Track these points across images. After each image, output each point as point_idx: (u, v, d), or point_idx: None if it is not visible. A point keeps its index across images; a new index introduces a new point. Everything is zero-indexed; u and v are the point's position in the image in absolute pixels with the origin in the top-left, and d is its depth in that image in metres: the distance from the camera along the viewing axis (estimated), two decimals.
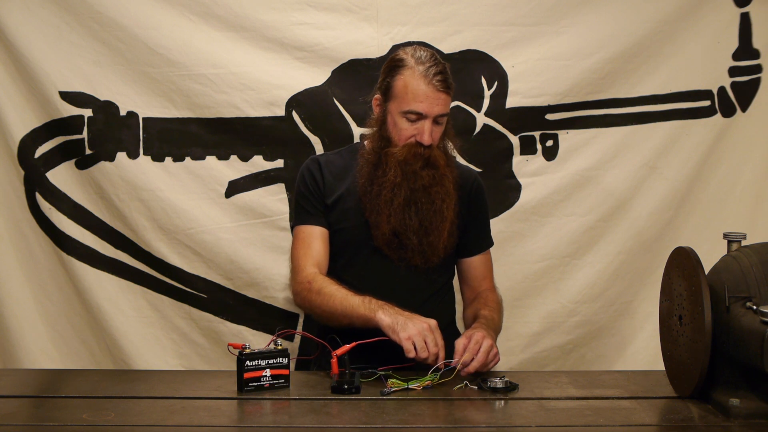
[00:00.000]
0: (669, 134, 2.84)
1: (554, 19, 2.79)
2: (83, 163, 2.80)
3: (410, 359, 2.01)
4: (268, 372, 1.95)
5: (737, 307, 1.77)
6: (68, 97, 2.76)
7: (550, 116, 2.82)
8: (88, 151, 2.78)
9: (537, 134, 2.83)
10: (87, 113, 2.77)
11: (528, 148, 2.84)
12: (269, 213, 2.81)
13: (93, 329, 2.85)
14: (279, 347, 1.97)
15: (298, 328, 2.76)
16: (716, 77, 2.84)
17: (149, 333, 2.85)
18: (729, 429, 1.72)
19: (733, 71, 2.83)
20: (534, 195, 2.84)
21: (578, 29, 2.79)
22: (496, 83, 2.79)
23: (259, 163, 2.80)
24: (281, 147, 2.80)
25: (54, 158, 2.80)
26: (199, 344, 2.86)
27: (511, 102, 2.80)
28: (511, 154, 2.83)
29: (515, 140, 2.82)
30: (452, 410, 1.86)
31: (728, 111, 2.85)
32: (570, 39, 2.79)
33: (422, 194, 2.26)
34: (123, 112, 2.78)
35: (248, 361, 1.93)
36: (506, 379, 1.96)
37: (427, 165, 2.26)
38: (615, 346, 2.91)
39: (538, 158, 2.84)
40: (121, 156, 2.79)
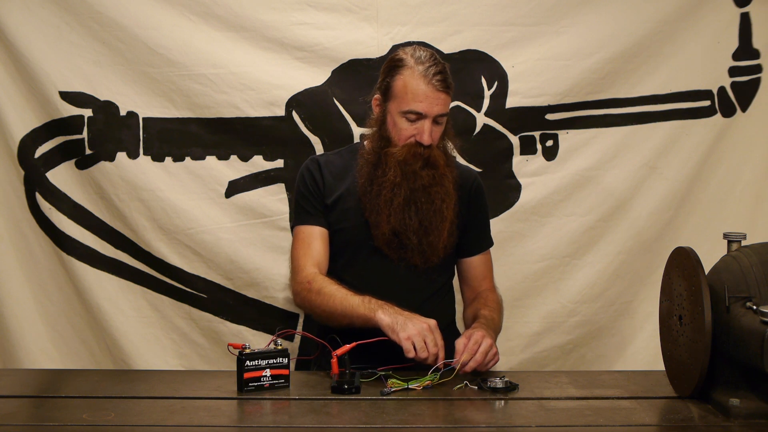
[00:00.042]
0: (669, 134, 2.84)
1: (554, 19, 2.79)
2: (83, 163, 2.80)
3: (410, 359, 2.01)
4: (268, 372, 1.95)
5: (737, 307, 1.76)
6: (68, 97, 2.76)
7: (550, 116, 2.82)
8: (88, 151, 2.78)
9: (537, 134, 2.83)
10: (87, 113, 2.77)
11: (528, 148, 2.84)
12: (269, 213, 2.81)
13: (93, 329, 2.85)
14: (279, 347, 1.97)
15: (298, 328, 2.75)
16: (716, 77, 2.83)
17: (149, 333, 2.85)
18: (729, 429, 1.72)
19: (733, 71, 2.83)
20: (534, 195, 2.84)
21: (578, 29, 2.79)
22: (496, 83, 2.79)
23: (259, 163, 2.80)
24: (281, 147, 2.80)
25: (54, 158, 2.80)
26: (199, 344, 2.85)
27: (511, 102, 2.80)
28: (511, 154, 2.83)
29: (515, 140, 2.82)
30: (452, 410, 1.86)
31: (728, 111, 2.84)
32: (570, 39, 2.79)
33: (422, 194, 2.25)
34: (123, 112, 2.78)
35: (248, 361, 1.93)
36: (506, 379, 1.95)
37: (427, 165, 2.26)
38: (615, 346, 2.91)
39: (538, 158, 2.84)
40: (121, 156, 2.79)
